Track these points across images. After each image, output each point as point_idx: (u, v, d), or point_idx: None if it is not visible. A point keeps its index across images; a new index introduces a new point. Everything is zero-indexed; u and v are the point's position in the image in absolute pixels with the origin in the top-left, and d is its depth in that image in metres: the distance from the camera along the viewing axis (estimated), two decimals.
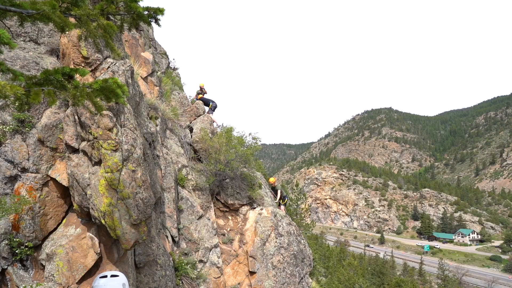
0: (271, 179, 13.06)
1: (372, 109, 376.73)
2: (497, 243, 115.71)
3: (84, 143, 4.93)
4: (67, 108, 5.32)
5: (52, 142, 5.35)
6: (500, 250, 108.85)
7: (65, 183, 5.21)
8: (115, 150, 4.59)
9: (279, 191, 12.74)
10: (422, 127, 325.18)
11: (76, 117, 5.00)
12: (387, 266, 68.23)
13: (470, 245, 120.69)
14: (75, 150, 5.12)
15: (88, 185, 4.83)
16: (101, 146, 4.63)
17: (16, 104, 5.16)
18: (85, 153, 4.95)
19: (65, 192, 5.33)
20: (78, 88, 2.40)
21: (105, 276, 2.24)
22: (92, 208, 4.78)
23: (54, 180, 5.25)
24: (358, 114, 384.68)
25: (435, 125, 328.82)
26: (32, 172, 5.11)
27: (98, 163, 4.77)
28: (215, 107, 13.09)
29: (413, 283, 54.60)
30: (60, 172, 5.28)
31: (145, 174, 4.94)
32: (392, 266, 78.47)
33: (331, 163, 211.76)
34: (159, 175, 7.55)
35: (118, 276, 2.26)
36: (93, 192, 4.71)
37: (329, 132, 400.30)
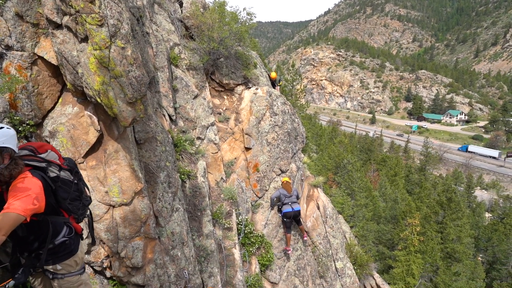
0: (273, 74, 12.77)
1: None
2: (482, 123, 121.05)
3: (66, 18, 4.59)
4: None
5: (32, 17, 4.98)
6: (483, 130, 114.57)
7: (54, 61, 5.05)
8: (101, 25, 4.30)
9: (277, 87, 12.84)
10: (428, 4, 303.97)
11: None
12: (375, 144, 72.46)
13: (456, 125, 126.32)
14: (58, 26, 4.80)
15: (78, 63, 4.69)
16: (85, 20, 4.32)
17: None
18: (69, 29, 4.66)
19: (56, 71, 5.21)
20: None
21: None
22: (86, 87, 4.74)
23: (42, 58, 5.07)
24: None
25: (443, 1, 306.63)
26: (17, 50, 4.89)
27: (85, 39, 4.53)
28: None
29: (397, 159, 59.04)
30: (47, 50, 5.07)
31: (135, 51, 4.75)
32: (380, 144, 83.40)
33: (329, 43, 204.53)
34: (150, 53, 7.29)
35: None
36: (85, 70, 4.60)
37: (329, 9, 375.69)
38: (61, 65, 4.89)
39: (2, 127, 2.39)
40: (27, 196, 2.33)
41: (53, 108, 5.22)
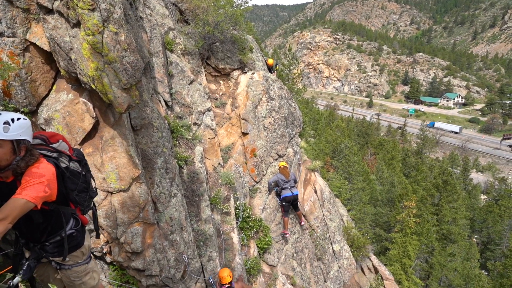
0: (270, 61, 12.70)
1: None
2: (479, 106, 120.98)
3: (57, 2, 4.51)
4: None
5: (22, 2, 4.88)
6: (480, 113, 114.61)
7: (46, 47, 4.97)
8: (93, 10, 4.23)
9: (275, 72, 12.82)
10: None
11: None
12: (372, 128, 72.56)
13: (453, 108, 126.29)
14: (49, 11, 4.72)
15: (71, 49, 4.62)
16: (77, 5, 4.24)
17: None
18: (60, 14, 4.57)
19: (49, 57, 5.14)
20: None
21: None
22: (79, 73, 4.69)
23: (34, 45, 4.99)
24: None
25: None
26: (8, 36, 4.81)
27: (77, 25, 4.46)
28: None
29: (394, 142, 59.22)
30: (39, 36, 4.98)
31: (129, 36, 4.69)
32: (377, 128, 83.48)
33: (326, 26, 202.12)
34: (145, 38, 7.20)
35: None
36: (78, 56, 4.54)
37: None
38: (54, 51, 4.82)
39: (19, 118, 2.32)
40: (40, 183, 2.30)
41: (47, 95, 5.18)
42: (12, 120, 2.28)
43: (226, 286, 6.26)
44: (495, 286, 22.73)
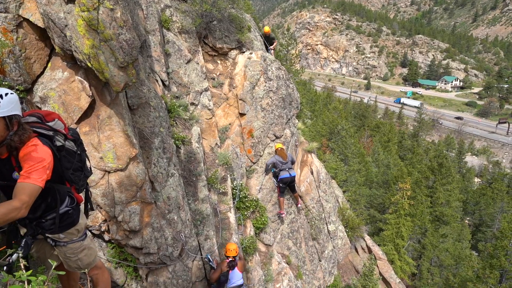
0: (266, 28, 12.51)
1: None
2: (477, 90, 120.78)
3: None
4: None
5: None
6: (477, 97, 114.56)
7: (40, 24, 4.86)
8: None
9: (275, 41, 12.64)
10: None
11: None
12: (369, 110, 72.44)
13: (451, 91, 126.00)
14: None
15: (66, 25, 4.52)
16: None
17: None
18: None
19: (43, 34, 5.03)
20: None
21: None
22: (75, 51, 4.61)
23: (28, 21, 4.87)
24: None
25: None
26: (1, 12, 4.69)
27: (72, 0, 4.35)
28: None
29: (391, 125, 59.38)
30: (32, 12, 4.86)
31: (125, 13, 4.58)
32: (375, 110, 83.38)
33: (325, 5, 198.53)
34: (141, 16, 7.04)
35: None
36: (73, 33, 4.45)
37: None
38: (48, 28, 4.71)
39: (6, 93, 2.31)
40: (43, 167, 2.37)
41: (42, 73, 5.10)
42: (1, 96, 2.27)
43: (230, 258, 6.61)
44: (485, 266, 23.30)
